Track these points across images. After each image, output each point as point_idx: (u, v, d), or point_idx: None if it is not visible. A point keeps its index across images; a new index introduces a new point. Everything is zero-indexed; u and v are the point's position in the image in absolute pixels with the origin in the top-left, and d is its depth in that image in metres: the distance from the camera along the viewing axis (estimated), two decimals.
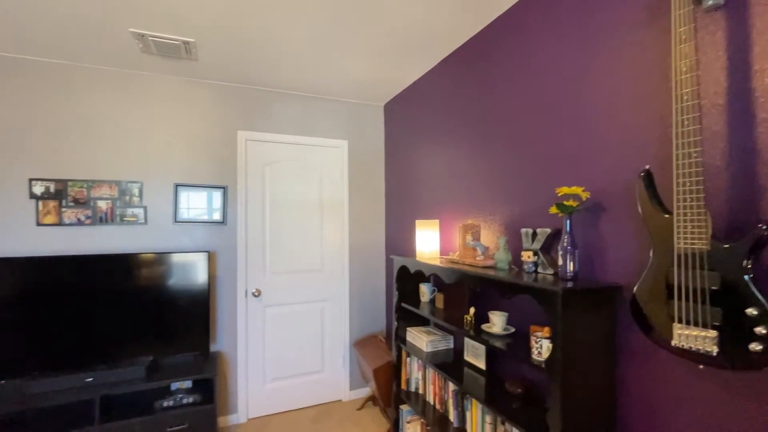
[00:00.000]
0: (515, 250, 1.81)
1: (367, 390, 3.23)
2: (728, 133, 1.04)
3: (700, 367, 1.08)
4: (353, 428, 2.71)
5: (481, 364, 1.90)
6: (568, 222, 1.40)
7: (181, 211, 2.67)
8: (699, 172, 0.97)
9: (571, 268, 1.38)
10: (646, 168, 1.13)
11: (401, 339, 2.37)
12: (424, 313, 2.07)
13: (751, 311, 0.90)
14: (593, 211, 1.42)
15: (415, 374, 2.30)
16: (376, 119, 3.31)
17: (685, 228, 1.00)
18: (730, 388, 1.03)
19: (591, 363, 1.27)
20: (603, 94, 1.38)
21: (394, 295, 2.40)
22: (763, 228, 0.89)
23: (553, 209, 1.43)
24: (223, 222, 2.77)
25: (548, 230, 1.55)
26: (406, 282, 2.40)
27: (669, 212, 1.07)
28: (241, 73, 2.61)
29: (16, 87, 2.31)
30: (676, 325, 1.02)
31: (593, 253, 1.42)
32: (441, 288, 2.21)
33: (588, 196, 1.42)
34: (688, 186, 0.99)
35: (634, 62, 1.27)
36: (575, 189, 1.38)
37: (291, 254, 2.99)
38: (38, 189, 2.34)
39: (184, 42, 2.13)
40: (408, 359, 2.36)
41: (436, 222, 2.27)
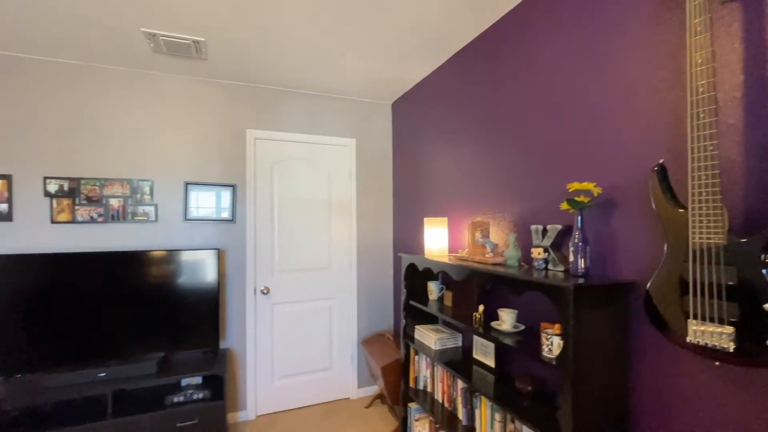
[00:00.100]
0: (525, 247, 1.80)
1: (374, 388, 3.23)
2: (745, 126, 1.02)
3: (716, 363, 1.06)
4: (361, 426, 2.72)
5: (490, 362, 1.89)
6: (579, 218, 1.39)
7: (191, 210, 2.69)
8: (715, 166, 0.95)
9: (582, 265, 1.36)
10: (660, 162, 1.11)
11: (409, 337, 2.36)
12: (433, 311, 2.07)
13: None
14: (605, 207, 1.41)
15: (424, 372, 2.29)
16: (384, 118, 3.32)
17: (701, 222, 0.98)
18: (747, 385, 1.01)
19: (603, 360, 1.25)
20: (614, 88, 1.37)
21: (402, 293, 2.39)
22: None
23: (564, 205, 1.41)
24: (233, 220, 2.79)
25: (559, 227, 1.54)
26: (414, 280, 2.40)
27: (684, 207, 1.05)
28: (250, 72, 2.63)
29: (32, 87, 2.36)
30: (691, 321, 1.01)
31: (605, 250, 1.41)
32: (449, 286, 2.20)
33: (599, 192, 1.40)
34: (703, 180, 0.97)
35: (647, 55, 1.26)
36: (587, 185, 1.37)
37: (299, 252, 3.01)
38: (52, 187, 2.38)
39: (194, 41, 2.15)
40: (416, 357, 2.36)
41: (444, 220, 2.26)
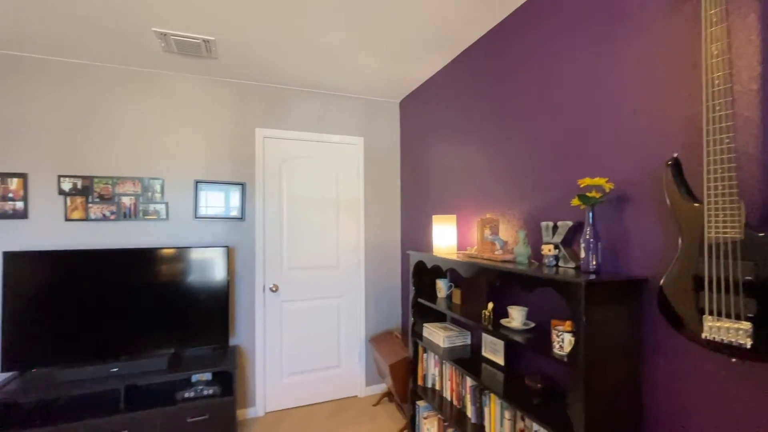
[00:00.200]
0: (535, 244, 1.78)
1: (382, 386, 3.23)
2: (762, 118, 1.00)
3: (733, 360, 1.04)
4: (369, 423, 2.72)
5: (500, 359, 1.88)
6: (590, 214, 1.37)
7: (201, 208, 2.72)
8: (731, 159, 0.93)
9: (594, 261, 1.35)
10: (674, 156, 1.09)
11: (418, 335, 2.36)
12: (441, 309, 2.06)
13: None
14: (617, 203, 1.39)
15: (432, 370, 2.29)
16: (392, 116, 3.31)
17: (717, 217, 0.97)
18: (764, 381, 0.99)
19: (615, 356, 1.24)
20: (627, 82, 1.35)
21: (411, 291, 2.39)
22: None
23: (575, 201, 1.40)
24: (242, 218, 2.81)
25: (570, 223, 1.52)
26: (423, 278, 2.39)
27: (699, 201, 1.03)
28: (259, 71, 2.65)
29: (47, 88, 2.40)
30: (706, 317, 0.99)
31: (617, 246, 1.39)
32: (458, 284, 2.19)
33: (611, 188, 1.38)
34: (719, 173, 0.96)
35: (660, 48, 1.24)
36: (598, 180, 1.35)
37: (307, 250, 3.02)
38: (66, 185, 2.42)
39: (204, 40, 2.17)
40: (424, 355, 2.35)
41: (453, 217, 2.26)
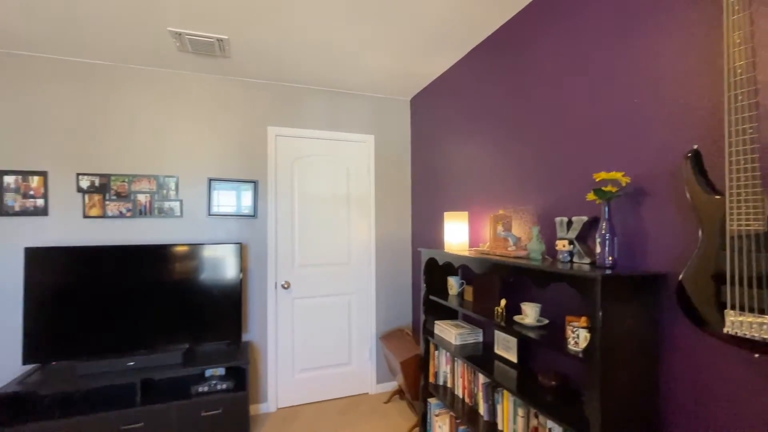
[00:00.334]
0: (548, 240, 1.76)
1: (393, 384, 3.23)
2: None
3: (756, 356, 1.02)
4: (381, 421, 2.72)
5: (513, 357, 1.86)
6: (606, 208, 1.36)
7: (214, 205, 2.76)
8: (755, 149, 0.91)
9: (610, 257, 1.33)
10: (694, 148, 1.07)
11: (429, 332, 2.36)
12: (453, 305, 2.05)
13: None
14: (634, 197, 1.37)
15: (444, 367, 2.28)
16: (403, 113, 3.31)
17: (739, 209, 0.94)
18: None
19: (632, 352, 1.22)
20: (644, 72, 1.33)
21: (422, 288, 2.39)
22: None
23: (591, 195, 1.38)
24: (254, 216, 2.84)
25: (584, 218, 1.51)
26: (434, 275, 2.39)
27: (720, 193, 1.01)
28: (271, 69, 2.67)
29: (65, 88, 2.46)
30: (729, 311, 0.97)
31: (633, 241, 1.37)
32: (470, 281, 2.18)
33: (628, 182, 1.36)
34: (742, 164, 0.93)
35: (678, 38, 1.22)
36: (614, 174, 1.33)
37: (319, 247, 3.04)
38: (84, 183, 2.48)
39: (218, 39, 2.20)
40: (436, 352, 2.34)
41: (464, 214, 2.24)
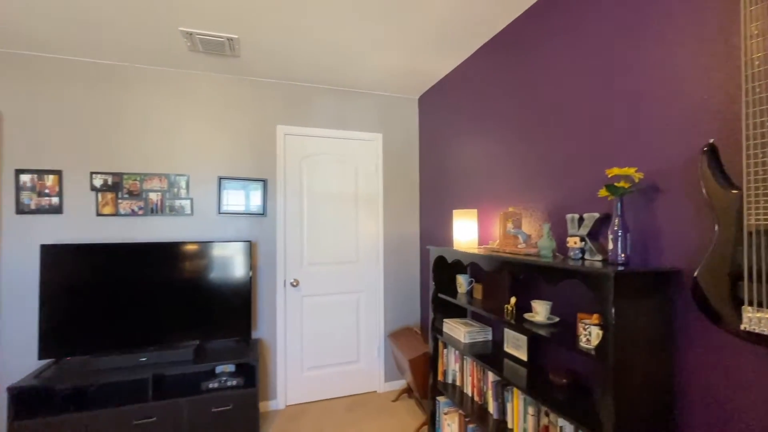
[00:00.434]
0: (559, 238, 1.75)
1: (401, 383, 3.23)
2: None
3: None
4: (389, 419, 2.72)
5: (522, 355, 1.85)
6: (618, 205, 1.34)
7: (224, 204, 2.78)
8: None
9: (623, 253, 1.31)
10: (711, 142, 1.05)
11: (438, 330, 2.35)
12: (462, 303, 2.05)
13: None
14: (646, 193, 1.35)
15: (452, 366, 2.27)
16: (411, 112, 3.31)
17: (757, 203, 0.93)
18: None
19: (645, 349, 1.20)
20: (659, 67, 1.31)
21: (431, 286, 2.38)
22: None
23: (603, 192, 1.37)
24: (263, 214, 2.86)
25: (596, 215, 1.49)
26: (443, 273, 2.38)
27: (737, 188, 0.99)
28: (280, 68, 2.69)
29: (78, 88, 2.50)
30: (746, 307, 0.95)
31: (646, 238, 1.35)
32: (479, 279, 2.17)
33: (641, 177, 1.35)
34: (760, 158, 0.92)
35: (693, 31, 1.19)
36: (627, 170, 1.31)
37: (327, 245, 3.05)
38: (98, 182, 2.52)
39: (228, 38, 2.22)
40: (445, 351, 2.34)
41: (474, 211, 2.23)
